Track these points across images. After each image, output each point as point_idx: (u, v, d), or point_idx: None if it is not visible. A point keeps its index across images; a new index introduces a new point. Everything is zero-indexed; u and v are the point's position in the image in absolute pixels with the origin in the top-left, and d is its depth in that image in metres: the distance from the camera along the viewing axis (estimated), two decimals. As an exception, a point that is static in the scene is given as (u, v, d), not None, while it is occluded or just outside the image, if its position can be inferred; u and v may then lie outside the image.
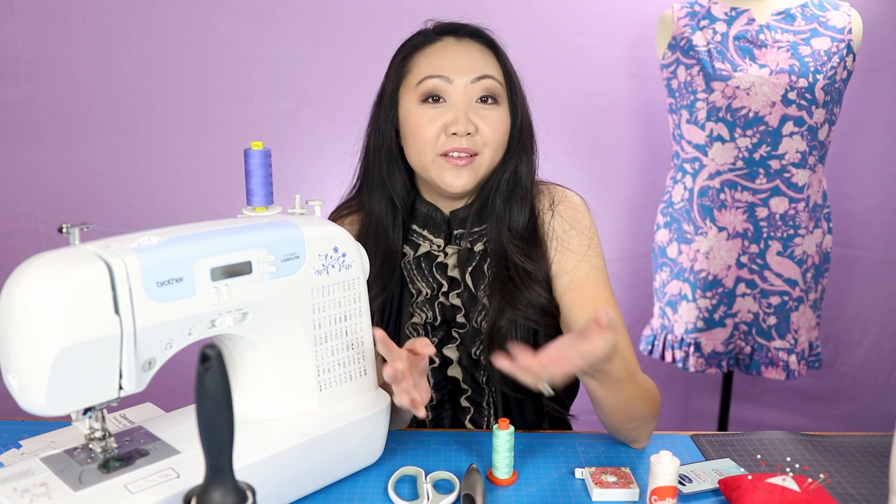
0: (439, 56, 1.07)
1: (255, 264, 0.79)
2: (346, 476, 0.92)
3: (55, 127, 2.02)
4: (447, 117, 1.04)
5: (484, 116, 1.05)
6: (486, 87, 1.05)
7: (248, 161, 0.88)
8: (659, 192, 1.93)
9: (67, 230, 0.72)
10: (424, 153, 1.05)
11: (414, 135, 1.05)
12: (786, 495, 0.83)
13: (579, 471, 0.94)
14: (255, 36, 1.98)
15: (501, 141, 1.07)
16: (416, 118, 1.05)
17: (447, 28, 1.10)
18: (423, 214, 1.13)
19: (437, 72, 1.05)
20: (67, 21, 1.95)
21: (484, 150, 1.05)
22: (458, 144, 1.03)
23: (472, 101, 1.05)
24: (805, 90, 1.64)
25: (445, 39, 1.09)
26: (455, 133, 1.03)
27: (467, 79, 1.04)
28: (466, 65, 1.05)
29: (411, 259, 1.12)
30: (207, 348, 0.61)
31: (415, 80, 1.06)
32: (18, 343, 0.67)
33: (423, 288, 1.11)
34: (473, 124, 1.04)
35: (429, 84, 1.04)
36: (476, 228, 1.11)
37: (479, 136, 1.05)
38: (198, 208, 2.06)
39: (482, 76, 1.05)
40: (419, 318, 1.11)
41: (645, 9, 1.95)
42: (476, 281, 1.10)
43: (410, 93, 1.06)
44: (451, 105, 1.04)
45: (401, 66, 1.09)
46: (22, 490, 0.72)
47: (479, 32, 1.09)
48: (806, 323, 1.79)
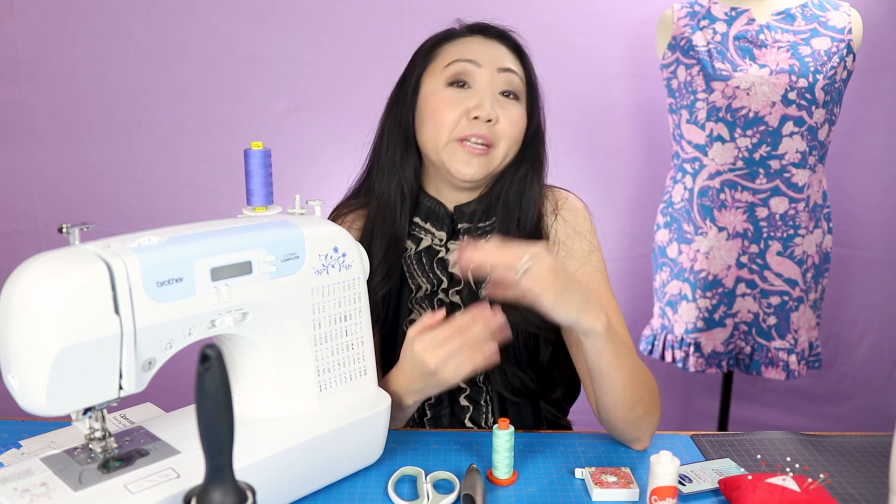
0: (468, 45, 1.09)
1: (255, 264, 0.79)
2: (346, 476, 0.92)
3: (55, 127, 2.02)
4: (471, 102, 1.05)
5: (505, 108, 1.06)
6: (509, 81, 1.07)
7: (248, 161, 0.88)
8: (659, 192, 1.93)
9: (67, 230, 0.72)
10: (441, 135, 1.05)
11: (434, 116, 1.06)
12: (786, 495, 0.83)
13: (579, 471, 0.94)
14: (255, 36, 1.98)
15: (517, 137, 1.08)
16: (440, 99, 1.06)
17: (476, 27, 1.12)
18: (426, 208, 1.12)
19: (467, 56, 1.06)
20: (67, 21, 1.95)
21: (499, 143, 1.06)
22: (477, 130, 1.04)
23: (496, 91, 1.06)
24: (805, 90, 1.64)
25: (474, 36, 1.11)
26: (477, 117, 1.03)
27: (494, 67, 1.06)
28: (495, 55, 1.08)
29: (412, 254, 1.12)
30: (207, 348, 0.61)
31: (442, 64, 1.08)
32: (18, 343, 0.67)
33: (422, 283, 1.11)
34: (496, 113, 1.05)
35: (458, 67, 1.06)
36: (482, 223, 1.11)
37: (497, 127, 1.05)
38: (198, 208, 2.06)
39: (508, 69, 1.07)
40: (417, 316, 1.11)
41: (645, 9, 1.95)
42: (477, 278, 1.10)
43: (437, 75, 1.08)
44: (476, 91, 1.06)
45: (427, 53, 1.11)
46: (22, 490, 0.72)
47: (507, 35, 1.11)
48: (806, 323, 1.79)
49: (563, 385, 1.17)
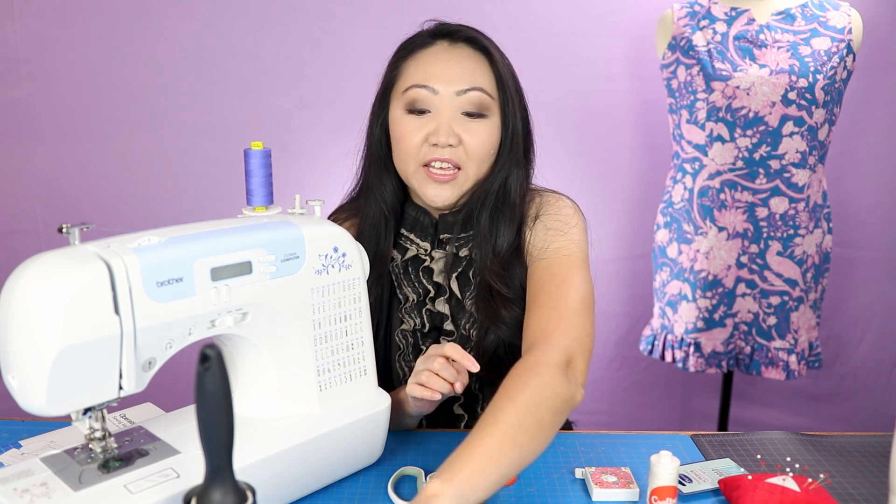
0: (428, 63, 1.04)
1: (255, 264, 0.79)
2: (346, 476, 0.92)
3: (55, 127, 2.02)
4: (430, 127, 1.02)
5: (469, 129, 1.03)
6: (471, 101, 1.02)
7: (248, 161, 0.88)
8: (659, 192, 1.93)
9: (67, 230, 0.72)
10: (408, 163, 1.04)
11: (398, 143, 1.05)
12: (786, 495, 0.83)
13: (579, 471, 0.94)
14: (255, 36, 1.98)
15: (487, 154, 1.05)
16: (401, 126, 1.04)
17: (442, 30, 1.07)
18: (411, 218, 1.11)
19: (423, 81, 1.02)
20: (67, 21, 1.95)
21: (468, 165, 1.04)
22: (439, 155, 1.02)
23: (457, 112, 1.03)
24: (805, 90, 1.64)
25: (439, 44, 1.06)
26: (436, 144, 1.01)
27: (453, 90, 1.02)
28: (454, 74, 1.02)
29: (399, 263, 1.11)
30: (207, 348, 0.61)
31: (402, 88, 1.05)
32: (18, 343, 0.67)
33: (409, 294, 1.10)
34: (457, 136, 1.02)
35: (413, 94, 1.03)
36: (462, 234, 1.09)
37: (462, 149, 1.03)
38: (198, 208, 2.06)
39: (469, 88, 1.02)
40: (408, 325, 1.10)
41: (645, 9, 1.95)
42: (462, 287, 1.09)
43: (398, 99, 1.06)
44: (435, 115, 1.03)
45: (392, 69, 1.08)
46: (22, 490, 0.72)
47: (474, 38, 1.06)
48: (806, 323, 1.79)
49: None
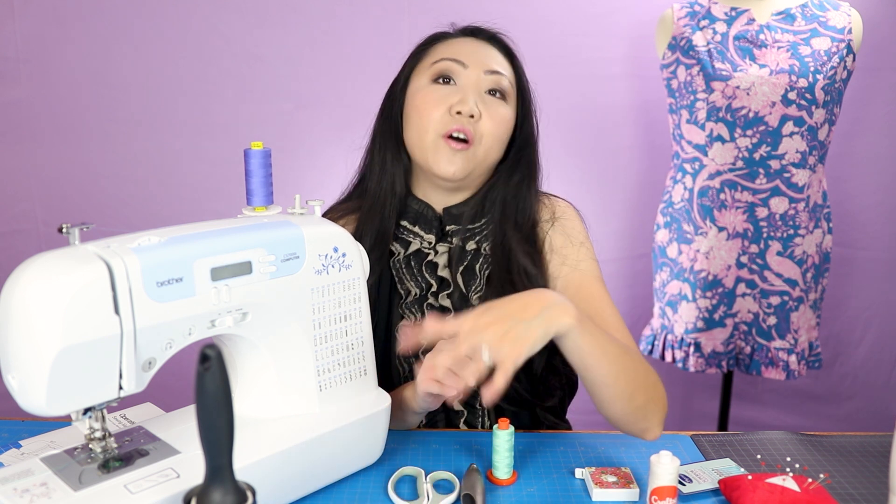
0: (459, 45, 1.10)
1: (255, 264, 0.79)
2: (346, 476, 0.92)
3: (55, 127, 2.02)
4: (454, 98, 1.05)
5: (489, 106, 1.06)
6: (496, 82, 1.07)
7: (248, 161, 0.88)
8: (659, 192, 1.93)
9: (67, 230, 0.72)
10: (426, 132, 1.05)
11: (419, 113, 1.06)
12: (786, 495, 0.83)
13: (579, 471, 0.94)
14: (255, 36, 1.98)
15: (501, 136, 1.08)
16: (424, 95, 1.06)
17: (468, 30, 1.13)
18: (414, 211, 1.12)
19: (454, 55, 1.07)
20: (67, 21, 1.95)
21: (481, 140, 1.05)
22: (458, 125, 1.04)
23: (481, 90, 1.07)
24: (805, 90, 1.64)
25: (465, 38, 1.12)
26: (459, 112, 1.04)
27: (481, 69, 1.07)
28: (483, 56, 1.08)
29: (401, 258, 1.11)
30: (207, 348, 0.61)
31: (430, 62, 1.09)
32: (18, 343, 0.67)
33: (412, 288, 1.10)
34: (479, 110, 1.05)
35: (443, 65, 1.07)
36: (472, 225, 1.10)
37: (480, 124, 1.05)
38: (198, 208, 2.06)
39: (495, 71, 1.07)
40: (409, 321, 1.10)
41: (645, 9, 1.95)
42: (467, 281, 1.09)
43: (423, 73, 1.09)
44: (461, 87, 1.06)
45: (417, 52, 1.13)
46: (22, 490, 0.72)
47: (498, 37, 1.12)
48: (806, 323, 1.79)
49: (560, 391, 1.15)
